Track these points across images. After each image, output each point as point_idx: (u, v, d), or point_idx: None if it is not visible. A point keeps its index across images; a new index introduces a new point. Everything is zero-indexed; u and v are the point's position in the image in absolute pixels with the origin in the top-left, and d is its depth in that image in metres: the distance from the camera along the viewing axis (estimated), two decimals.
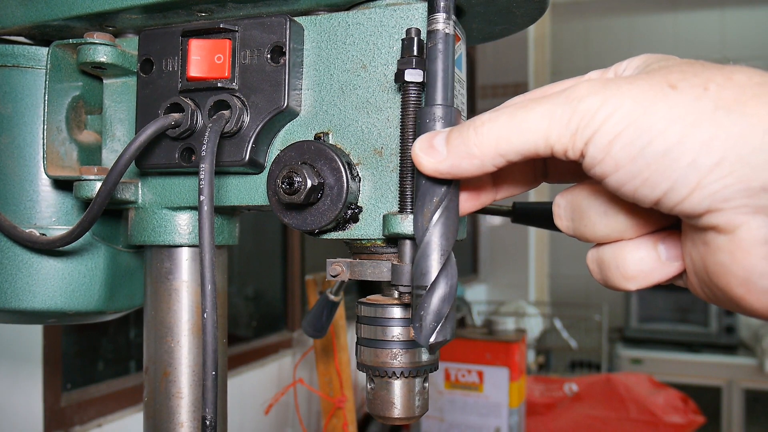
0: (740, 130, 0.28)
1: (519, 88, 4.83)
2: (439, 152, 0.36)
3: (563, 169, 0.41)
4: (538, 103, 0.33)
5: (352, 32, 0.48)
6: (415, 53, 0.43)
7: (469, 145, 0.34)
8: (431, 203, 0.37)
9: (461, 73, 0.50)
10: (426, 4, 0.46)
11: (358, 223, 0.48)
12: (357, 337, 0.49)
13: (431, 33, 0.40)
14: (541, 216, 0.63)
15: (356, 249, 0.49)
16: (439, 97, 0.39)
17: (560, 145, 0.32)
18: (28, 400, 1.49)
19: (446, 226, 0.37)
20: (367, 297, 0.50)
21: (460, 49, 0.50)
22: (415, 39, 0.43)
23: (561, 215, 0.38)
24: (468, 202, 0.41)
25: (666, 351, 4.31)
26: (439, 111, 0.38)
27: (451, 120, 0.38)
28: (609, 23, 5.50)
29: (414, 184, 0.44)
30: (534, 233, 4.84)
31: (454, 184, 0.38)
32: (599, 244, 0.37)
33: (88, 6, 0.53)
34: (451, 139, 0.35)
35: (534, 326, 4.18)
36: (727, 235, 0.30)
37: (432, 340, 0.36)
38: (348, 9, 0.50)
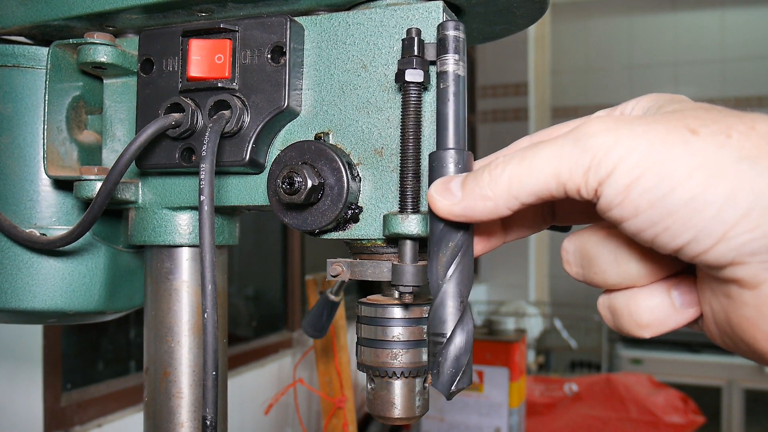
0: (766, 183, 0.28)
1: (519, 88, 4.83)
2: (454, 195, 0.35)
3: (571, 210, 0.41)
4: (548, 143, 0.32)
5: (353, 32, 0.48)
6: (416, 53, 0.43)
7: (482, 187, 0.34)
8: (446, 248, 0.37)
9: None
10: (426, 4, 0.46)
11: (358, 223, 0.48)
12: (357, 337, 0.49)
13: (442, 74, 0.39)
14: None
15: (356, 249, 0.49)
16: (451, 141, 0.39)
17: (572, 183, 0.31)
18: (28, 400, 1.49)
19: (463, 273, 0.37)
20: (368, 297, 0.50)
21: None
22: (416, 39, 0.43)
23: (570, 261, 0.37)
24: (478, 246, 0.40)
25: (666, 351, 4.31)
26: (451, 155, 0.38)
27: (464, 164, 0.38)
28: (609, 23, 5.50)
29: (413, 186, 0.44)
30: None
31: (470, 231, 0.37)
32: (610, 290, 0.36)
33: (88, 6, 0.53)
34: (466, 182, 0.35)
35: (534, 326, 4.18)
36: (752, 290, 0.29)
37: (453, 389, 0.36)
38: (348, 9, 0.50)
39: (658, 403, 2.72)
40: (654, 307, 0.34)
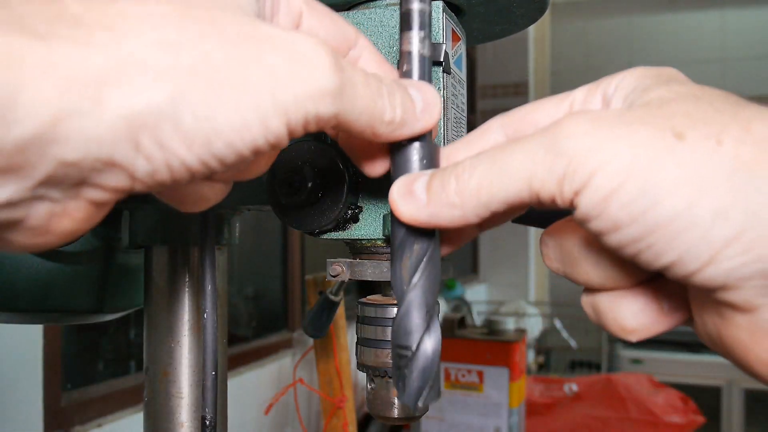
0: (763, 199, 0.24)
1: (519, 87, 4.83)
2: (418, 199, 0.31)
3: None
4: (520, 143, 0.29)
5: None
6: None
7: (449, 194, 0.30)
8: (410, 251, 0.33)
9: (461, 73, 0.50)
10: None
11: (358, 223, 0.48)
12: (357, 337, 0.49)
13: (405, 54, 0.34)
14: (540, 216, 0.63)
15: (356, 249, 0.49)
16: None
17: (546, 191, 0.28)
18: (28, 400, 1.49)
19: (430, 279, 0.33)
20: (367, 297, 0.50)
21: (461, 49, 0.50)
22: None
23: (550, 255, 0.34)
24: (447, 244, 0.36)
25: (666, 351, 4.31)
26: (416, 149, 0.33)
27: (431, 158, 0.34)
28: (609, 23, 5.51)
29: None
30: (534, 233, 4.84)
31: (436, 232, 0.34)
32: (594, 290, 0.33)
33: None
34: (431, 185, 0.31)
35: (534, 326, 4.19)
36: (745, 314, 0.26)
37: (420, 404, 0.33)
38: (348, 9, 0.50)
39: (658, 403, 2.72)
40: (639, 312, 0.31)
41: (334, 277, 0.47)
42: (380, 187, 0.47)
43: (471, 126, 0.50)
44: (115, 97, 0.22)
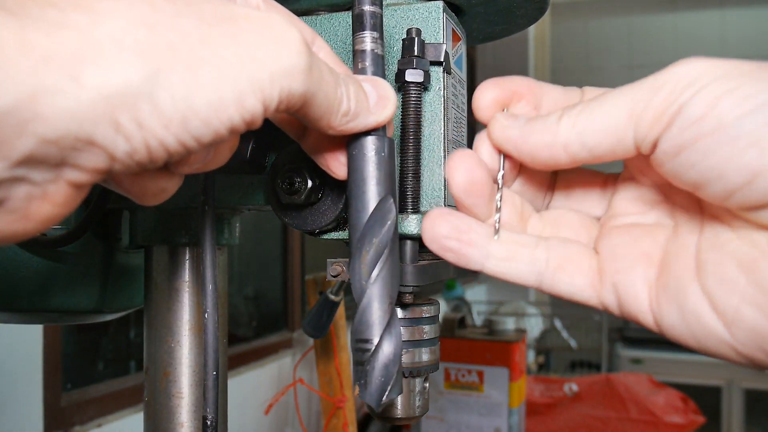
0: None
1: None
2: (517, 121, 0.32)
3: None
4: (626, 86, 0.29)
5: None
6: (416, 53, 0.43)
7: (548, 122, 0.30)
8: (370, 245, 0.33)
9: (461, 73, 0.50)
10: (426, 4, 0.46)
11: None
12: None
13: (359, 53, 0.36)
14: None
15: None
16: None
17: (648, 113, 0.27)
18: (28, 400, 1.49)
19: (390, 272, 0.34)
20: None
21: (461, 49, 0.50)
22: (416, 39, 0.43)
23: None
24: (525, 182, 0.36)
25: (666, 351, 4.30)
26: (370, 141, 0.34)
27: (385, 153, 0.34)
28: (609, 23, 5.50)
29: (413, 186, 0.44)
30: None
31: (395, 227, 0.34)
32: None
33: None
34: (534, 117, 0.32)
35: (534, 326, 4.18)
36: None
37: (384, 400, 0.33)
38: (348, 9, 0.50)
39: (658, 403, 2.72)
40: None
41: (334, 277, 0.47)
42: None
43: (471, 126, 0.49)
44: (93, 75, 0.22)
